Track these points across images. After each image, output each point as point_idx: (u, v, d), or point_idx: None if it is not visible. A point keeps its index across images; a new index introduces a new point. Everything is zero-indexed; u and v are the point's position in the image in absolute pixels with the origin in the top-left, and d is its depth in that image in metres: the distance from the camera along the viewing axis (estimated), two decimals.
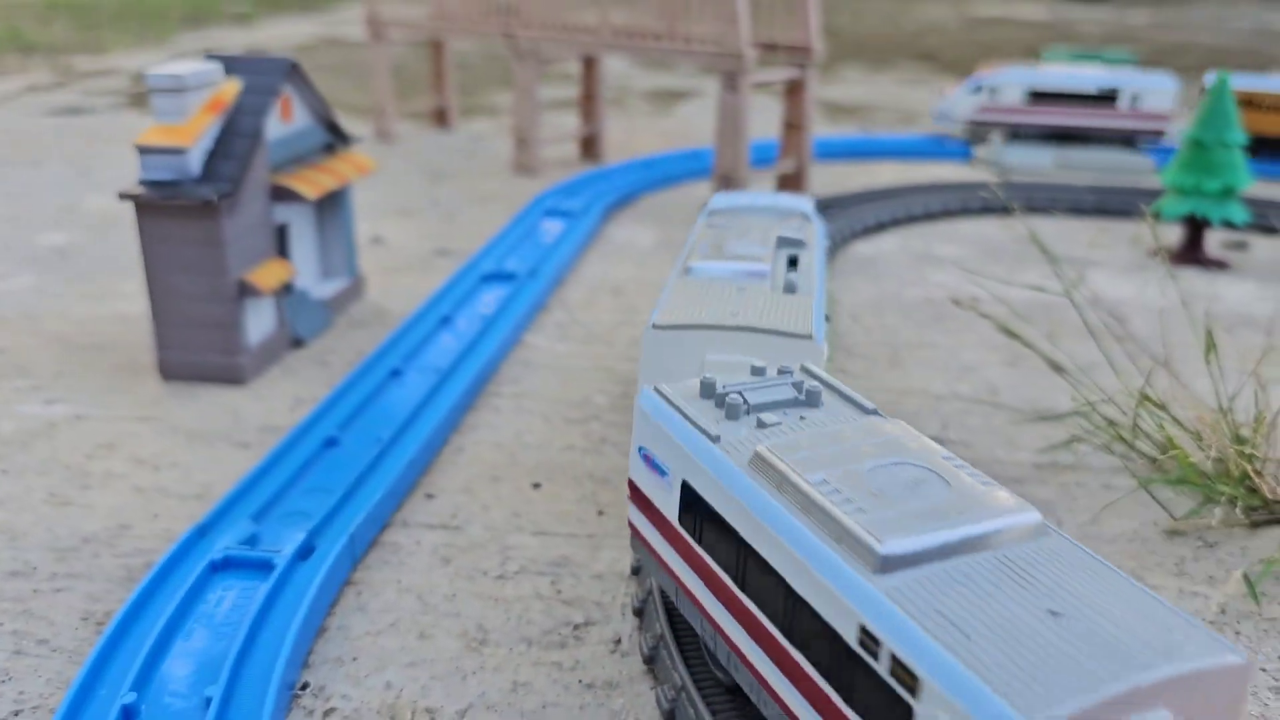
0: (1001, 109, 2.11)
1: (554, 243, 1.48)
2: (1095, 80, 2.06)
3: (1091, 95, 2.07)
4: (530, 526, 0.83)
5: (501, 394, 1.07)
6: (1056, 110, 2.09)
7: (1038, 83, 2.09)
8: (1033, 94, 2.09)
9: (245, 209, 1.07)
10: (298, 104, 1.17)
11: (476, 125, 2.45)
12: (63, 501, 0.87)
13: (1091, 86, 2.06)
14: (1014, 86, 2.10)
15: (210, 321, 1.06)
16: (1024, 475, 0.93)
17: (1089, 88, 2.07)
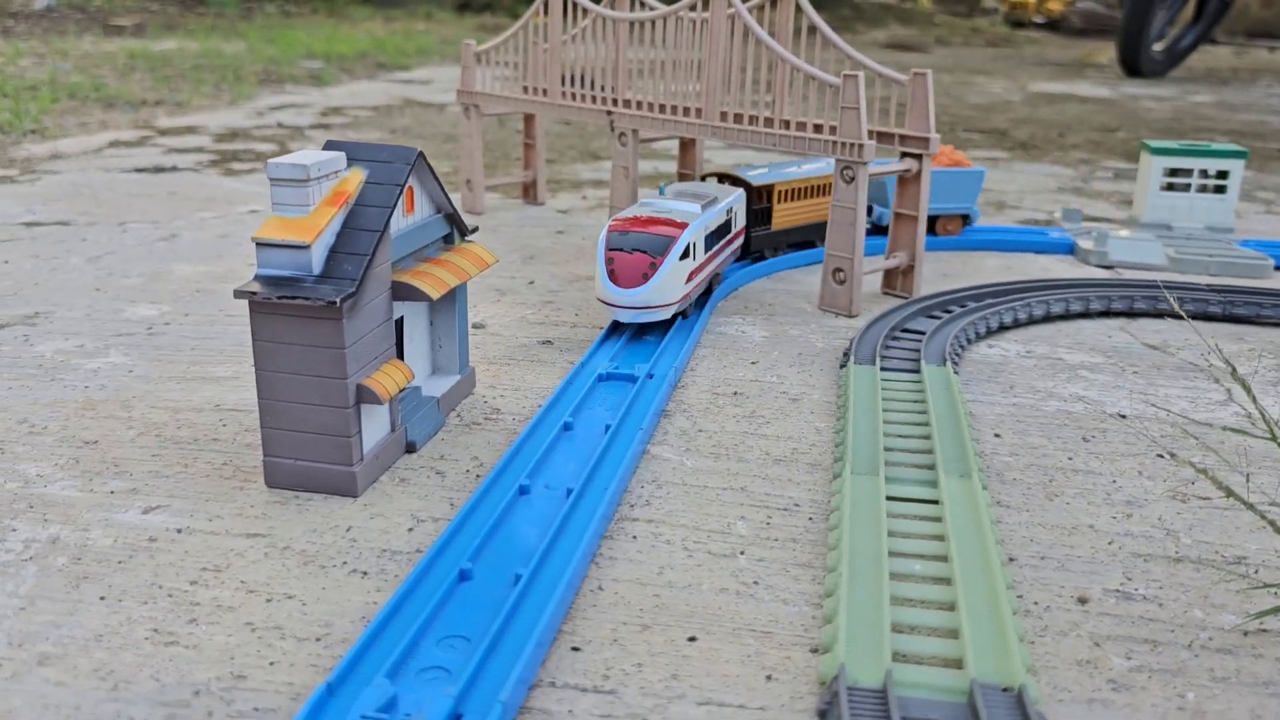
0: None
1: (666, 338, 1.39)
2: None
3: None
4: (693, 694, 0.74)
5: (635, 518, 0.98)
6: None
7: None
8: None
9: (366, 309, 0.99)
10: (420, 195, 1.10)
11: (563, 199, 2.39)
12: (168, 639, 0.79)
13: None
14: None
15: (324, 429, 0.99)
16: (1233, 645, 0.82)
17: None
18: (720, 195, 1.60)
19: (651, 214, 1.46)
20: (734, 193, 1.67)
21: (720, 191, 1.63)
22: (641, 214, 1.46)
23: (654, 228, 1.40)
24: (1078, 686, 0.77)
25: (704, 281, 1.50)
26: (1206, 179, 2.18)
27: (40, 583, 0.86)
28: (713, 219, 1.52)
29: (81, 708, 0.72)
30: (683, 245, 1.38)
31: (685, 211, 1.47)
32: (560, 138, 3.26)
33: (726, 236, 1.62)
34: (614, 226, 1.41)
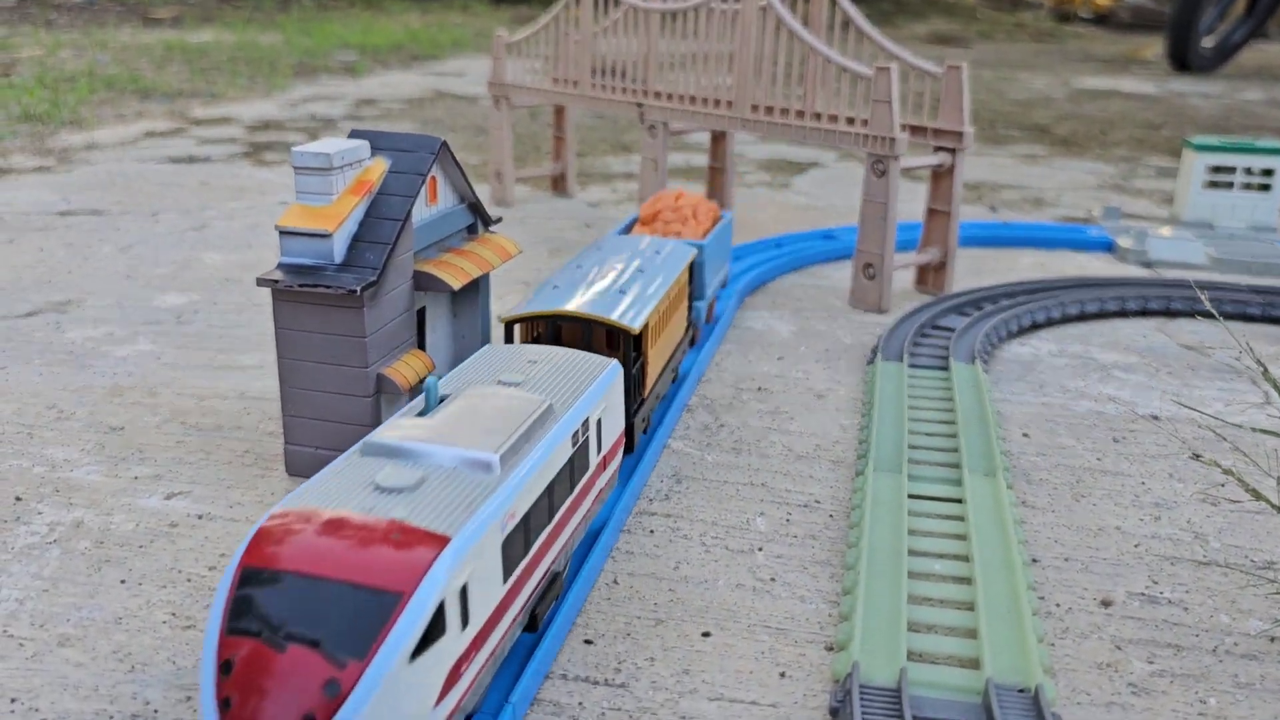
0: None
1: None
2: None
3: None
4: (705, 689, 0.74)
5: (653, 512, 0.98)
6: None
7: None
8: None
9: (387, 298, 0.99)
10: (443, 185, 1.10)
11: (593, 192, 2.38)
12: (186, 623, 0.80)
13: None
14: None
15: (345, 417, 0.99)
16: (1258, 650, 0.81)
17: None
18: (562, 383, 0.81)
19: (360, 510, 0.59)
20: (591, 369, 0.84)
21: (559, 372, 0.82)
22: (341, 515, 0.59)
23: (364, 551, 0.55)
24: (1097, 689, 0.75)
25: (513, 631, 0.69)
26: (1250, 177, 2.14)
27: (63, 565, 0.87)
28: (545, 458, 0.71)
29: (99, 688, 0.73)
30: (431, 606, 0.55)
31: (461, 483, 0.63)
32: (592, 130, 3.26)
33: (583, 479, 0.79)
34: (259, 555, 0.56)
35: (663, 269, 1.15)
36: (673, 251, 1.22)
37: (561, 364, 0.84)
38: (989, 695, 0.70)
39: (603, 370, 0.85)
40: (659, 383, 1.10)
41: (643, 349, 1.02)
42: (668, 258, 1.19)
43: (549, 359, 0.85)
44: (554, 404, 0.76)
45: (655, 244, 1.23)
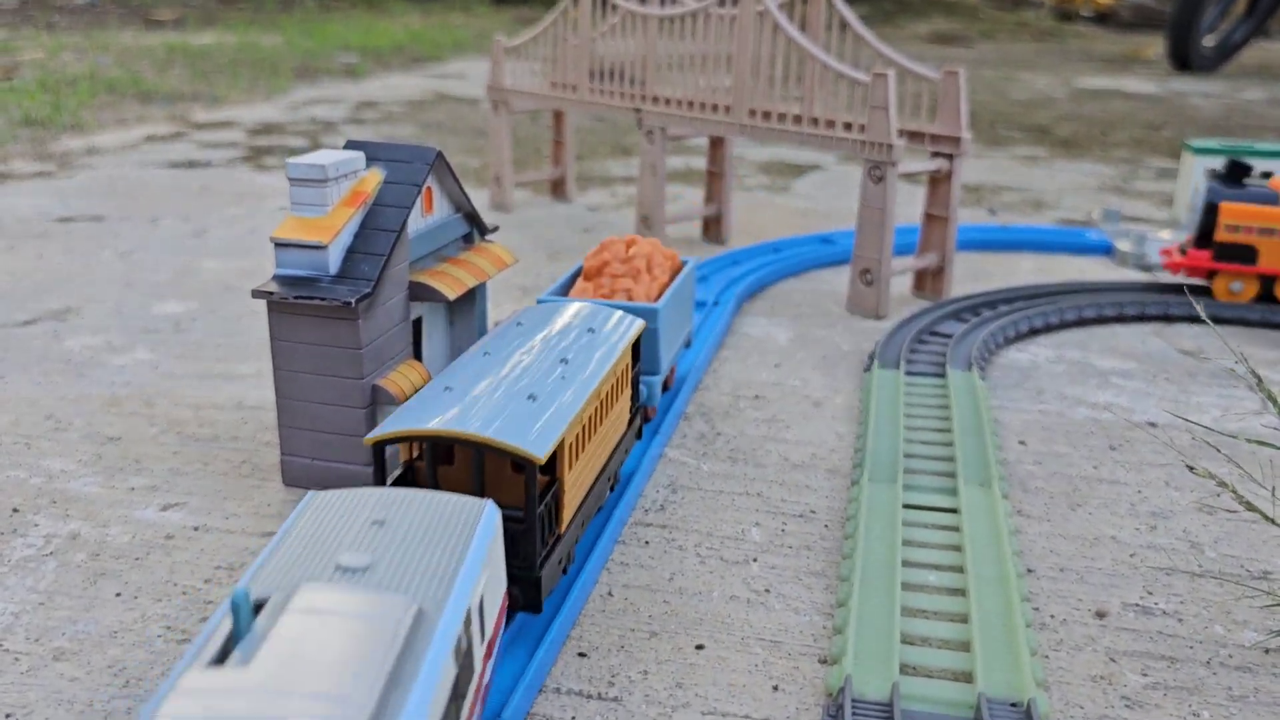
0: None
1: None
2: None
3: None
4: (698, 703, 0.74)
5: (649, 523, 0.98)
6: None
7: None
8: None
9: (383, 309, 0.99)
10: (439, 195, 1.10)
11: (592, 196, 2.38)
12: (180, 637, 0.80)
13: None
14: None
15: (340, 428, 0.99)
16: (1253, 662, 0.81)
17: None
18: (427, 557, 0.58)
19: None
20: (462, 520, 0.62)
21: (418, 536, 0.60)
22: None
23: None
24: (1090, 703, 0.75)
25: None
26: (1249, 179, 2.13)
27: (59, 578, 0.87)
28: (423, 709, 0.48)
29: (94, 704, 0.73)
30: None
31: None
32: (592, 133, 3.26)
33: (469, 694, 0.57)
34: None
35: (596, 354, 0.90)
36: (614, 327, 0.97)
37: (421, 520, 0.60)
38: (981, 709, 0.70)
39: (478, 519, 0.61)
40: (586, 506, 0.85)
41: (558, 474, 0.78)
42: (605, 336, 0.94)
43: (402, 513, 0.61)
44: (424, 604, 0.52)
45: (592, 316, 0.98)
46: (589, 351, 0.90)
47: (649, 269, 1.19)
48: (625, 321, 0.99)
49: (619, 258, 1.20)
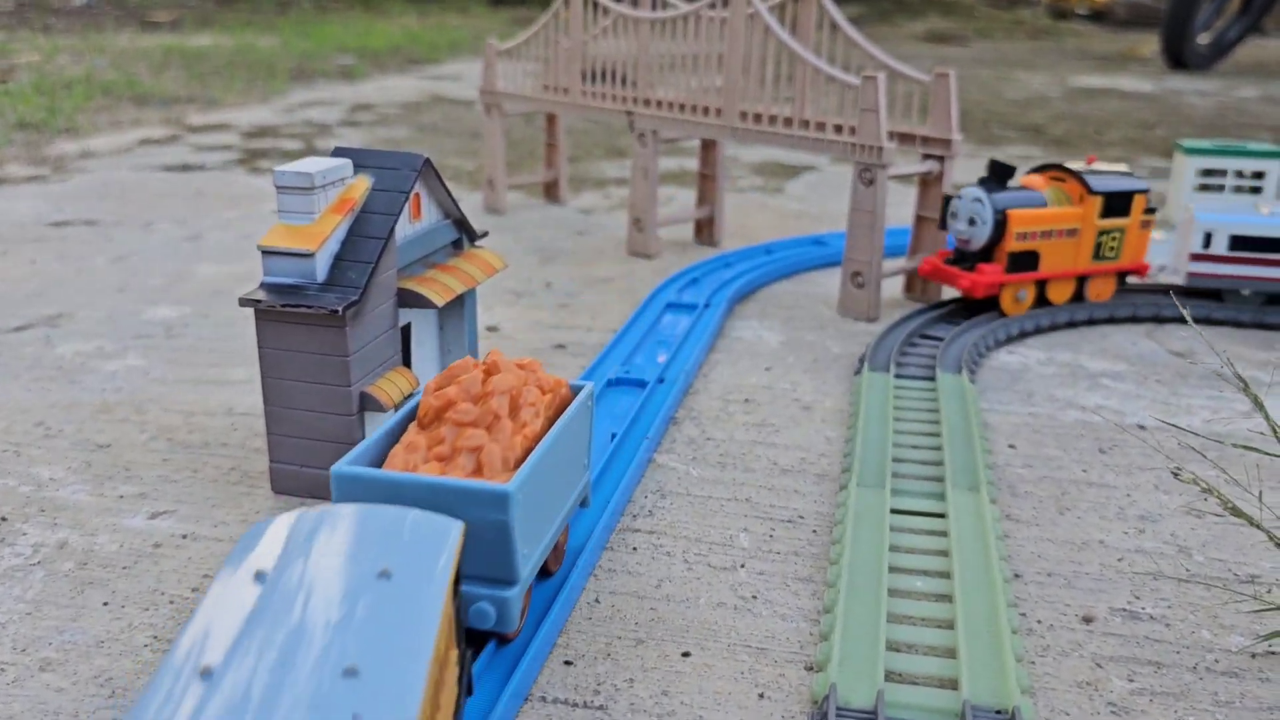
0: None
1: (679, 343, 1.39)
2: None
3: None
4: (683, 710, 0.74)
5: (637, 529, 0.98)
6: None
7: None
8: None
9: (370, 316, 1.00)
10: (427, 201, 1.10)
11: (585, 198, 2.38)
12: (166, 646, 0.80)
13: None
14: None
15: (329, 436, 0.99)
16: (1239, 667, 0.81)
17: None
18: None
19: None
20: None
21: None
22: None
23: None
24: (1076, 709, 0.75)
25: None
26: (1242, 180, 2.14)
27: (46, 588, 0.87)
28: None
29: (79, 714, 0.73)
30: None
31: None
32: (586, 135, 3.26)
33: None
34: None
35: (384, 621, 0.52)
36: (420, 558, 0.57)
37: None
38: (966, 717, 0.70)
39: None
40: None
41: None
42: (408, 584, 0.54)
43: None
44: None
45: (387, 543, 0.57)
46: (373, 616, 0.52)
47: (514, 411, 0.80)
48: (437, 541, 0.59)
49: (469, 394, 0.80)
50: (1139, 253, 1.63)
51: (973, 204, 1.53)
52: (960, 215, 1.54)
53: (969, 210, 1.53)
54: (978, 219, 1.52)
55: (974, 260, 1.55)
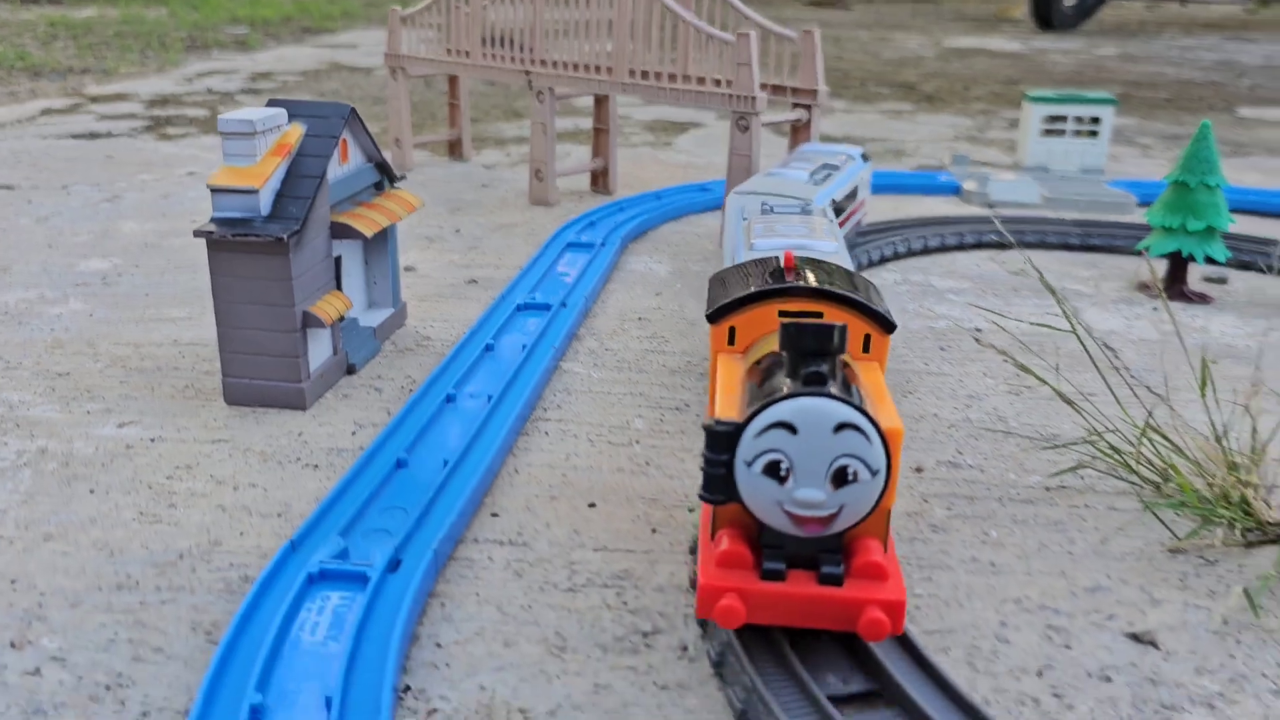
0: None
1: (580, 274, 1.56)
2: None
3: None
4: (591, 543, 0.91)
5: (548, 419, 1.15)
6: None
7: None
8: None
9: (309, 246, 1.14)
10: (353, 146, 1.25)
11: (488, 155, 2.53)
12: (153, 519, 0.94)
13: None
14: None
15: (276, 351, 1.14)
16: (1035, 497, 1.01)
17: None
18: None
19: None
20: None
21: None
22: None
23: None
24: (904, 530, 0.95)
25: None
26: (1080, 125, 2.38)
27: (36, 483, 1.01)
28: None
29: (86, 569, 0.87)
30: None
31: None
32: (485, 97, 3.38)
33: None
34: None
35: None
36: None
37: None
38: None
39: None
40: None
41: None
42: None
43: None
44: None
45: None
46: None
47: None
48: None
49: None
50: None
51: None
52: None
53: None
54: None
55: None
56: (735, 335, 0.84)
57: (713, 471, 0.70)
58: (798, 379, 0.68)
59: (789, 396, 0.67)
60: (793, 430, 0.67)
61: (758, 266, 0.89)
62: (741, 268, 0.91)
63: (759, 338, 0.83)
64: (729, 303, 0.83)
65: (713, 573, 0.71)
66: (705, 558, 0.73)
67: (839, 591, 0.70)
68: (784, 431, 0.67)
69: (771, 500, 0.69)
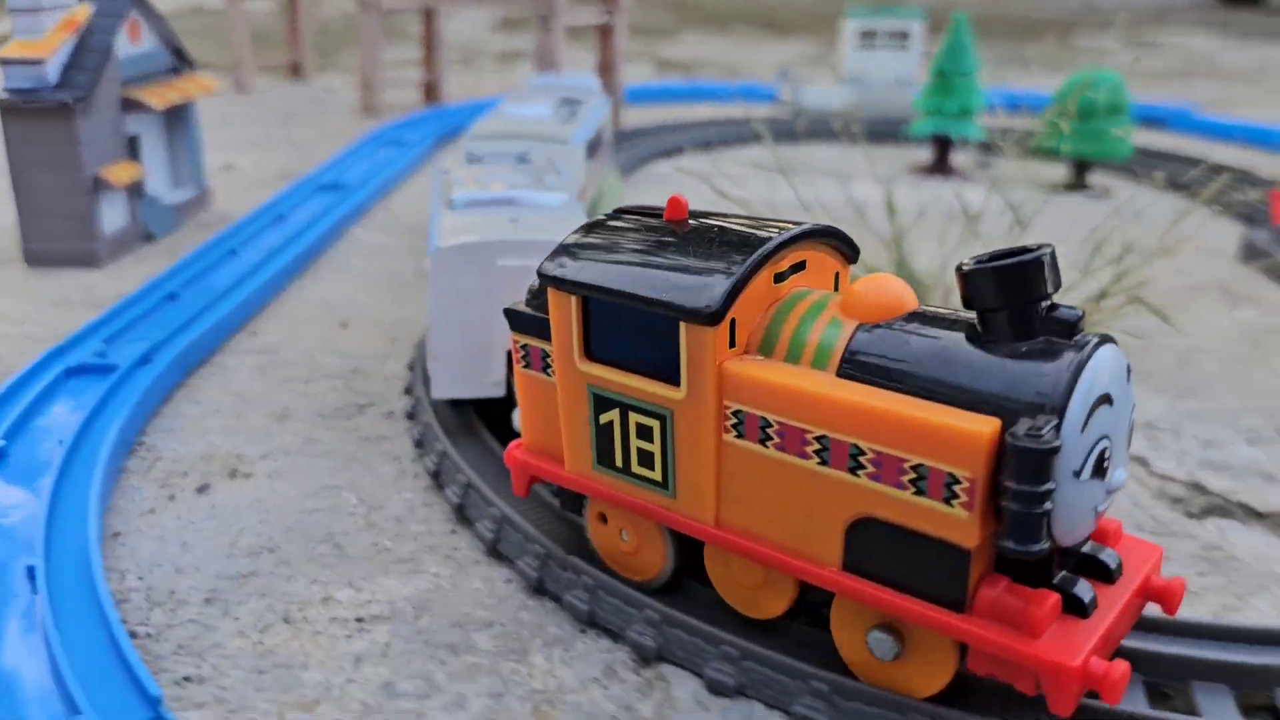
0: None
1: (385, 162, 1.67)
2: None
3: None
4: (334, 351, 1.04)
5: (327, 268, 1.27)
6: None
7: None
8: None
9: (98, 115, 1.24)
10: (145, 28, 1.35)
11: (330, 80, 2.62)
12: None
13: None
14: None
15: (69, 213, 1.24)
16: None
17: None
18: None
19: None
20: None
21: None
22: None
23: None
24: None
25: None
26: (891, 39, 2.54)
27: None
28: None
29: None
30: None
31: None
32: (340, 33, 3.46)
33: None
34: None
35: None
36: None
37: None
38: None
39: None
40: None
41: None
42: None
43: None
44: None
45: None
46: None
47: None
48: None
49: None
50: None
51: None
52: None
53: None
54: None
55: None
56: (736, 331, 0.58)
57: (1037, 510, 0.48)
58: (1032, 335, 0.51)
59: (1086, 358, 0.50)
60: (1110, 402, 0.51)
61: (631, 236, 0.63)
62: (609, 248, 0.62)
63: (761, 323, 0.59)
64: (730, 290, 0.56)
65: (1062, 648, 0.50)
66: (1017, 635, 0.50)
67: (1128, 583, 0.55)
68: (1105, 407, 0.50)
69: (1089, 508, 0.51)
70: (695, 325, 0.56)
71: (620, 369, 0.60)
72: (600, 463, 0.63)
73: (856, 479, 0.53)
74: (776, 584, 0.60)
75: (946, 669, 0.54)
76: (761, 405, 0.55)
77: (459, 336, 0.81)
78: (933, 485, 0.50)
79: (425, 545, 0.74)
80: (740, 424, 0.57)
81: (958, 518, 0.50)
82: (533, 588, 0.68)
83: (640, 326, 0.59)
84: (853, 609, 0.56)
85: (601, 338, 0.61)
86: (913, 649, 0.54)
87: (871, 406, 0.51)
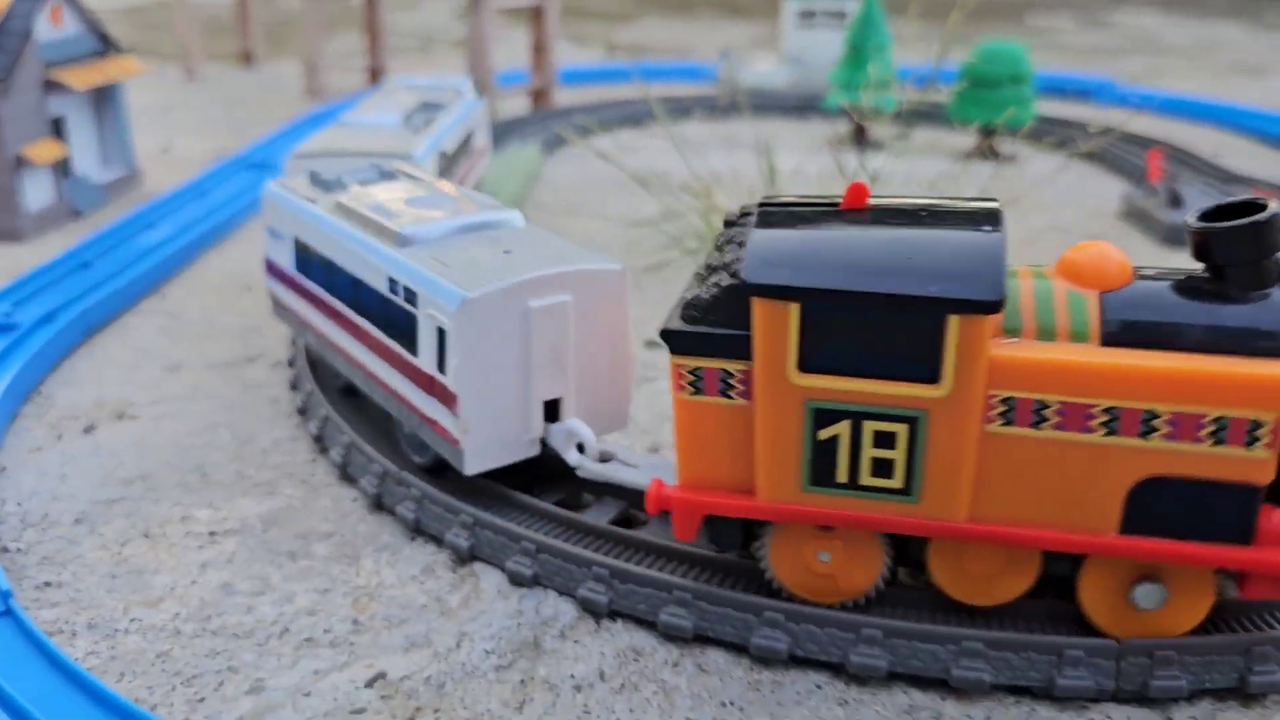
0: None
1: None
2: None
3: None
4: (235, 312, 1.10)
5: (243, 240, 1.33)
6: None
7: None
8: None
9: (19, 95, 1.30)
10: (68, 13, 1.41)
11: (281, 67, 2.67)
12: None
13: None
14: None
15: None
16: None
17: None
18: None
19: None
20: None
21: None
22: None
23: None
24: None
25: None
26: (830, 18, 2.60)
27: None
28: None
29: None
30: None
31: None
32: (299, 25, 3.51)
33: None
34: None
35: None
36: None
37: None
38: None
39: None
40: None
41: None
42: None
43: None
44: None
45: None
46: None
47: None
48: None
49: None
50: None
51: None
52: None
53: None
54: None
55: None
56: None
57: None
58: (1265, 285, 0.56)
59: None
60: None
61: (827, 233, 0.60)
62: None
63: None
64: (1003, 273, 0.56)
65: None
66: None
67: None
68: None
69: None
70: (971, 316, 0.54)
71: (852, 376, 0.57)
72: (815, 483, 0.59)
73: (1147, 442, 0.55)
74: (1020, 565, 0.60)
75: (1208, 601, 0.58)
76: (1038, 388, 0.55)
77: (495, 398, 0.69)
78: (1233, 434, 0.54)
79: (285, 473, 0.80)
80: (1009, 411, 0.56)
81: (1257, 459, 0.54)
82: (373, 504, 0.74)
83: (883, 327, 0.56)
84: (1110, 571, 0.58)
85: (825, 346, 0.57)
86: (1175, 591, 0.58)
87: (1167, 369, 0.54)
